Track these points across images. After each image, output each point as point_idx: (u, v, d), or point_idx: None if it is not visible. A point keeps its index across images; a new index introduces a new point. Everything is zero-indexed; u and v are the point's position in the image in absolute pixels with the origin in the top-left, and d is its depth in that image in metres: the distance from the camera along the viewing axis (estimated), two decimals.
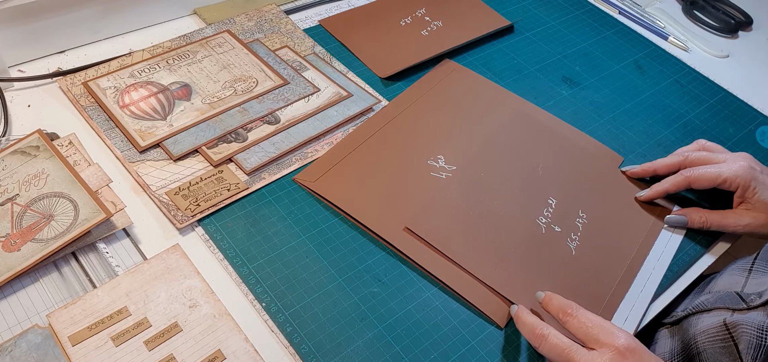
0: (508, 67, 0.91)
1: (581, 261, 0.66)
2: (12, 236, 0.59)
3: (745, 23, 1.06)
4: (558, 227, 0.68)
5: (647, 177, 0.75)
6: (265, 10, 0.92)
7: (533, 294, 0.61)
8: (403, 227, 0.66)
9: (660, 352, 0.67)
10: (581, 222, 0.69)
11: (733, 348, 0.59)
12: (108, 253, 0.61)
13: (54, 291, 0.57)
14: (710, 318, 0.62)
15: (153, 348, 0.54)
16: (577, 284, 0.64)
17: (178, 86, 0.77)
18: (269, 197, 0.68)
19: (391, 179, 0.71)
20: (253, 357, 0.55)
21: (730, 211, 0.70)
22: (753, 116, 0.89)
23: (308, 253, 0.64)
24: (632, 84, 0.91)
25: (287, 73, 0.81)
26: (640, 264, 0.67)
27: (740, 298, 0.61)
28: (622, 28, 1.02)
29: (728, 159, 0.71)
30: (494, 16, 0.98)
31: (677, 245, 0.70)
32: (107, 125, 0.72)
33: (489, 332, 0.60)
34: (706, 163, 0.71)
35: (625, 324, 0.62)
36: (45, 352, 0.53)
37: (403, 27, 0.94)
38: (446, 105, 0.81)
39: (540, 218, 0.69)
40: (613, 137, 0.82)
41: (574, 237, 0.68)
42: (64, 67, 0.79)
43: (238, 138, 0.73)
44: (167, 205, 0.65)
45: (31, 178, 0.63)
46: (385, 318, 0.60)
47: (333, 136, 0.76)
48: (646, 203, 0.73)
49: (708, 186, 0.70)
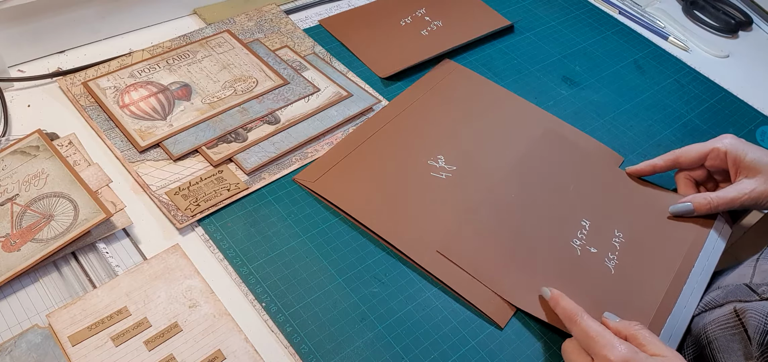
0: (508, 67, 0.91)
1: (622, 280, 0.64)
2: (12, 236, 0.59)
3: (745, 23, 1.06)
4: (594, 248, 0.67)
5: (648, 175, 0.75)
6: (265, 10, 0.92)
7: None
8: (403, 227, 0.66)
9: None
10: (618, 242, 0.68)
11: (743, 333, 0.59)
12: (108, 253, 0.61)
13: (54, 291, 0.57)
14: (720, 310, 0.62)
15: (153, 348, 0.54)
16: (620, 302, 0.62)
17: (178, 86, 0.77)
18: (269, 197, 0.68)
19: (391, 179, 0.71)
20: (253, 357, 0.55)
21: (731, 185, 0.70)
22: (753, 116, 0.89)
23: (308, 253, 0.64)
24: (632, 84, 0.91)
25: (287, 73, 0.81)
26: (686, 276, 0.66)
27: (751, 290, 0.61)
28: (622, 28, 1.02)
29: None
30: (494, 16, 0.98)
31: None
32: (107, 125, 0.72)
33: (489, 332, 0.60)
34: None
35: (670, 340, 0.61)
36: (45, 352, 0.53)
37: (403, 27, 0.94)
38: (446, 105, 0.81)
39: (574, 240, 0.67)
40: (613, 137, 0.82)
41: (612, 256, 0.66)
42: (64, 67, 0.79)
43: (238, 138, 0.73)
44: (167, 205, 0.65)
45: (31, 178, 0.63)
46: (385, 318, 0.60)
47: (333, 136, 0.76)
48: (687, 218, 0.71)
49: (696, 160, 0.72)
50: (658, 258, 0.67)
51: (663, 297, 0.63)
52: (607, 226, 0.69)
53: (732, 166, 0.70)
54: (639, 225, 0.70)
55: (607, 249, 0.67)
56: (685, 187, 0.73)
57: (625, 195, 0.73)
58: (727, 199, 0.69)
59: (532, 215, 0.69)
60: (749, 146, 0.70)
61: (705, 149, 0.72)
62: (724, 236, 0.70)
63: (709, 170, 0.73)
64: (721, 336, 0.60)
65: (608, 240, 0.68)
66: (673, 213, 0.71)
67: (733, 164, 0.70)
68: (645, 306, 0.62)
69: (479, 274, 0.63)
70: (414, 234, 0.66)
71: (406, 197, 0.69)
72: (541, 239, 0.67)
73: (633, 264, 0.66)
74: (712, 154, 0.71)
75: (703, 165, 0.73)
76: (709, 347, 0.61)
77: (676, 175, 0.75)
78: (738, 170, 0.70)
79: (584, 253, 0.66)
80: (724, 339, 0.60)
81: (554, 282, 0.63)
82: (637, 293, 0.63)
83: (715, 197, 0.70)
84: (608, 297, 0.62)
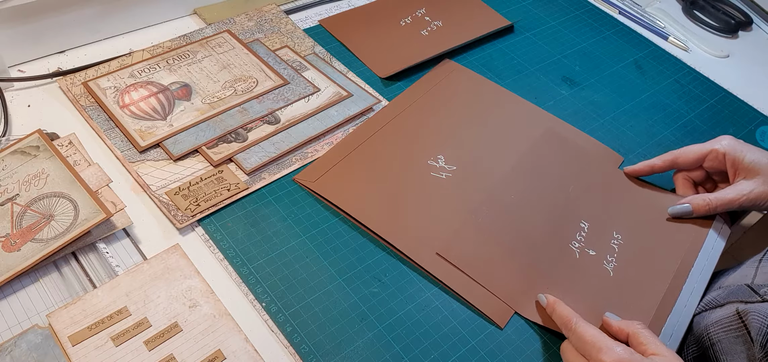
0: (508, 67, 0.91)
1: (620, 282, 0.64)
2: (12, 236, 0.59)
3: (745, 23, 1.06)
4: (593, 251, 0.67)
5: (647, 175, 0.75)
6: (265, 10, 0.92)
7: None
8: (403, 227, 0.66)
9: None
10: (617, 244, 0.68)
11: (746, 335, 0.59)
12: (108, 253, 0.61)
13: (54, 291, 0.57)
14: (722, 311, 0.62)
15: (153, 348, 0.54)
16: (619, 305, 0.62)
17: (178, 86, 0.77)
18: (269, 197, 0.68)
19: (391, 179, 0.71)
20: (253, 357, 0.55)
21: (730, 186, 0.70)
22: (753, 116, 0.89)
23: (308, 253, 0.64)
24: (632, 84, 0.91)
25: (287, 73, 0.81)
26: (685, 276, 0.65)
27: (752, 290, 0.61)
28: (622, 28, 1.02)
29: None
30: (494, 16, 0.98)
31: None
32: (107, 125, 0.72)
33: (489, 332, 0.60)
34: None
35: (671, 340, 0.61)
36: (45, 352, 0.53)
37: (403, 27, 0.94)
38: (446, 105, 0.81)
39: (573, 243, 0.67)
40: (613, 137, 0.82)
41: (611, 259, 0.66)
42: (64, 67, 0.79)
43: (238, 138, 0.73)
44: (167, 205, 0.65)
45: (31, 178, 0.63)
46: (385, 318, 0.60)
47: (333, 136, 0.76)
48: (685, 219, 0.71)
49: (694, 161, 0.72)
50: (657, 259, 0.67)
51: (662, 297, 0.63)
52: (605, 228, 0.69)
53: (730, 167, 0.70)
54: (638, 226, 0.70)
55: (606, 252, 0.67)
56: (684, 188, 0.73)
57: (624, 197, 0.73)
58: (725, 200, 0.69)
59: (532, 216, 0.69)
60: (748, 147, 0.70)
61: (703, 150, 0.72)
62: (724, 236, 0.70)
63: (707, 171, 0.73)
64: (724, 338, 0.60)
65: (607, 243, 0.68)
66: (671, 214, 0.71)
67: (732, 165, 0.70)
68: (644, 307, 0.62)
69: (478, 277, 0.63)
70: (414, 234, 0.66)
71: (406, 197, 0.69)
72: (540, 242, 0.67)
73: (632, 266, 0.66)
74: (710, 155, 0.71)
75: (702, 166, 0.73)
76: (713, 349, 0.61)
77: (674, 176, 0.75)
78: (736, 171, 0.70)
79: (583, 256, 0.66)
80: (727, 341, 0.60)
81: (553, 286, 0.63)
82: (636, 295, 0.63)
83: (714, 198, 0.70)
84: (607, 300, 0.62)
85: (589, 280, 0.64)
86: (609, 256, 0.66)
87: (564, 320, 0.57)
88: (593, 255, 0.66)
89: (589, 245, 0.67)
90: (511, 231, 0.67)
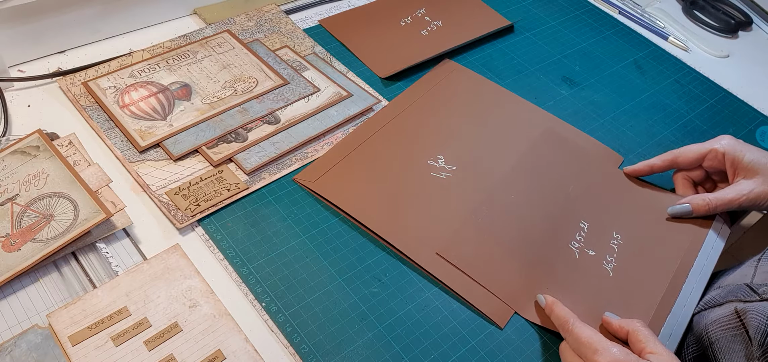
0: (508, 67, 0.91)
1: (620, 282, 0.64)
2: (12, 236, 0.59)
3: (745, 23, 1.06)
4: (592, 251, 0.67)
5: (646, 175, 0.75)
6: (265, 10, 0.92)
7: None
8: (403, 227, 0.66)
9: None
10: (616, 244, 0.68)
11: (744, 334, 0.59)
12: (108, 253, 0.61)
13: (54, 291, 0.57)
14: (721, 310, 0.62)
15: (153, 348, 0.54)
16: (619, 305, 0.62)
17: (178, 86, 0.77)
18: (269, 197, 0.68)
19: (391, 179, 0.71)
20: (253, 357, 0.55)
21: (729, 186, 0.70)
22: (753, 116, 0.89)
23: (308, 253, 0.64)
24: (632, 84, 0.91)
25: (287, 73, 0.81)
26: (685, 276, 0.65)
27: (751, 290, 0.61)
28: (622, 28, 1.02)
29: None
30: (494, 16, 0.98)
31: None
32: (107, 125, 0.72)
33: (489, 332, 0.60)
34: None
35: (670, 339, 0.61)
36: (45, 352, 0.53)
37: (403, 27, 0.94)
38: (446, 105, 0.81)
39: (572, 243, 0.67)
40: (613, 137, 0.82)
41: (610, 259, 0.66)
42: (64, 67, 0.79)
43: (238, 138, 0.73)
44: (167, 205, 0.65)
45: (31, 178, 0.63)
46: (385, 318, 0.60)
47: (333, 136, 0.76)
48: (685, 219, 0.71)
49: (694, 161, 0.72)
50: (657, 259, 0.67)
51: (662, 297, 0.63)
52: (605, 228, 0.69)
53: (730, 167, 0.70)
54: (637, 226, 0.70)
55: (606, 252, 0.67)
56: (683, 188, 0.73)
57: (624, 197, 0.73)
58: (725, 200, 0.69)
59: (532, 216, 0.69)
60: (747, 147, 0.70)
61: (703, 150, 0.72)
62: (723, 236, 0.70)
63: (707, 171, 0.73)
64: (723, 337, 0.60)
65: (606, 243, 0.68)
66: (671, 214, 0.71)
67: (731, 165, 0.70)
68: (644, 307, 0.62)
69: (478, 277, 0.63)
70: (414, 234, 0.66)
71: (406, 197, 0.69)
72: (540, 242, 0.67)
73: (631, 266, 0.66)
74: (710, 155, 0.71)
75: (701, 165, 0.73)
76: (712, 348, 0.61)
77: (674, 176, 0.75)
78: (736, 171, 0.70)
79: (582, 256, 0.66)
80: (725, 340, 0.60)
81: (553, 286, 0.63)
82: (636, 295, 0.63)
83: (714, 198, 0.70)
84: (607, 299, 0.62)
85: (589, 280, 0.64)
86: (608, 256, 0.66)
87: (561, 321, 0.58)
88: (593, 256, 0.66)
89: (588, 245, 0.67)
90: (511, 231, 0.67)
